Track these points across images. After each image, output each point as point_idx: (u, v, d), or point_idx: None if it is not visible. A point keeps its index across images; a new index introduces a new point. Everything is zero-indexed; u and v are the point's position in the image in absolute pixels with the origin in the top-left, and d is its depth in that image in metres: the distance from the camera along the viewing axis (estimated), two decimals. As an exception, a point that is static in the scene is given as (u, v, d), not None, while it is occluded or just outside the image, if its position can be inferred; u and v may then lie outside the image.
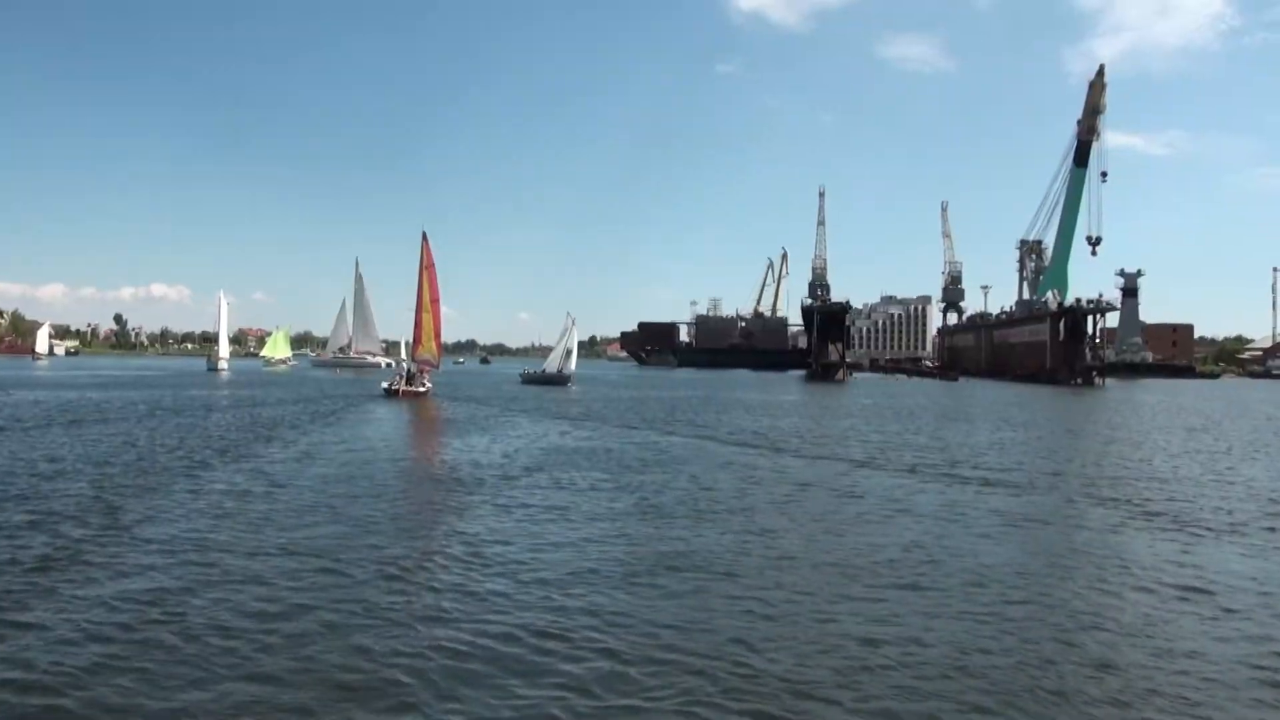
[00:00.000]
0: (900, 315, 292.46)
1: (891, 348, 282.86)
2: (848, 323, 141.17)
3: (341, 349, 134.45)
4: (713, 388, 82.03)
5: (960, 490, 19.86)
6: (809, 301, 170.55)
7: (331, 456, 23.88)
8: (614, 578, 11.80)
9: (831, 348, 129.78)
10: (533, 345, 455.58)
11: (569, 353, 73.48)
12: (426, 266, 56.68)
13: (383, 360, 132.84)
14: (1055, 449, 30.06)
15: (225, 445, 26.08)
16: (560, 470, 21.47)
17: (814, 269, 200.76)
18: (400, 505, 16.59)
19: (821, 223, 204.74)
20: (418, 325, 57.57)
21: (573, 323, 74.28)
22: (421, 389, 55.31)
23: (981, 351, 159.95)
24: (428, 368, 58.10)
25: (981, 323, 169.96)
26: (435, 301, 56.90)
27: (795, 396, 67.01)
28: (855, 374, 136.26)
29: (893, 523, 15.78)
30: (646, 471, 21.78)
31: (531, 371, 78.40)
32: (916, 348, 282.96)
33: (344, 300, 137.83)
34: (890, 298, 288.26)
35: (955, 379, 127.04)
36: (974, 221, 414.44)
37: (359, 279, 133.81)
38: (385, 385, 55.61)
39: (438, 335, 57.47)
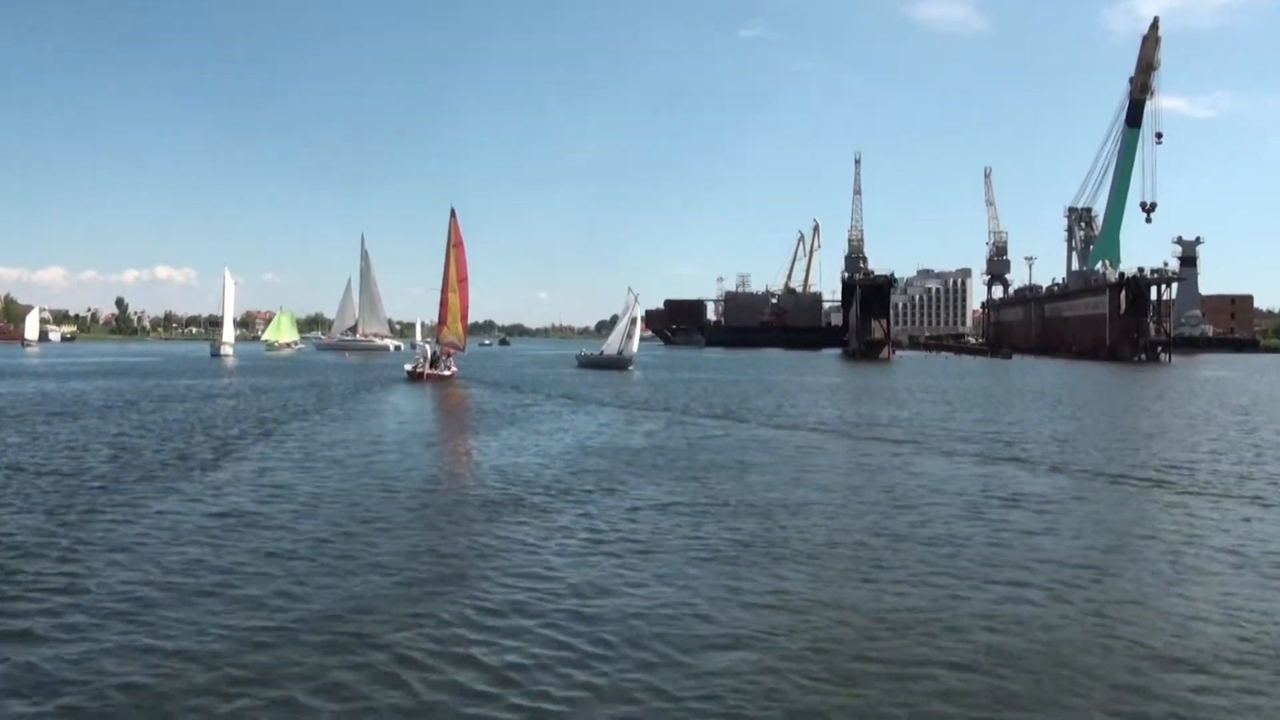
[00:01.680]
0: (939, 289, 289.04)
1: (930, 324, 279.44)
2: (892, 297, 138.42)
3: (348, 331, 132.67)
4: (750, 369, 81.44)
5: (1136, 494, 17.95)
6: (847, 275, 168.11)
7: (341, 461, 21.60)
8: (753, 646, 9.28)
9: (875, 324, 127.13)
10: (553, 326, 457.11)
11: (630, 332, 72.42)
12: (454, 244, 56.21)
13: (391, 343, 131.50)
14: (1153, 436, 28.12)
15: (192, 451, 22.94)
16: (634, 478, 19.12)
17: (850, 241, 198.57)
18: (434, 538, 13.81)
19: (858, 192, 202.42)
20: (443, 305, 57.09)
21: (635, 299, 73.31)
22: (446, 372, 54.67)
23: (1031, 327, 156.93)
24: (452, 349, 57.27)
25: (1031, 296, 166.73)
26: (463, 281, 56.37)
27: (842, 378, 66.30)
28: (898, 353, 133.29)
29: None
30: (745, 477, 19.36)
31: (589, 354, 77.79)
32: (956, 323, 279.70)
33: (349, 279, 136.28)
34: (928, 271, 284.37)
35: (1008, 356, 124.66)
36: (1015, 190, 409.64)
37: (365, 257, 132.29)
38: (408, 368, 55.03)
39: (464, 316, 56.94)
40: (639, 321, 73.51)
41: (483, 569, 11.82)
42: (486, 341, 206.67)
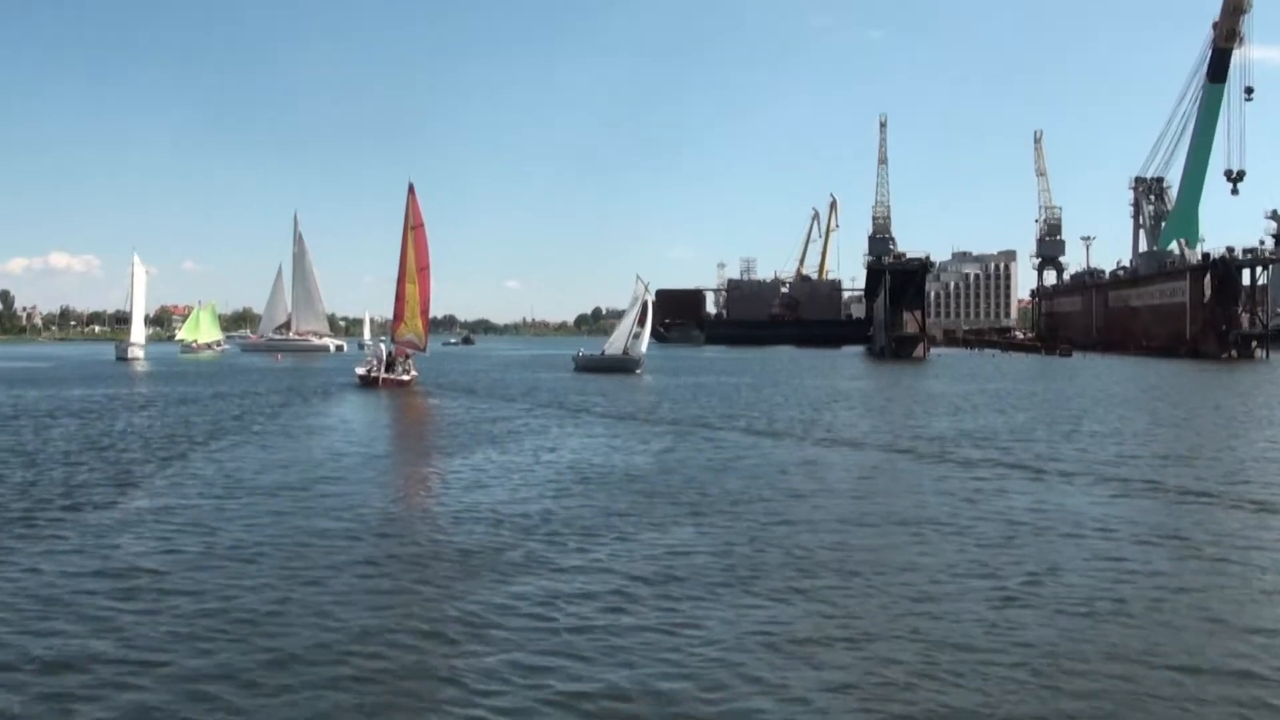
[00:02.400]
0: (978, 276, 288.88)
1: (968, 316, 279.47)
2: (928, 285, 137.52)
3: (280, 329, 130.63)
4: (763, 371, 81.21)
5: None
6: (872, 259, 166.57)
7: (272, 495, 20.27)
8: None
9: (907, 317, 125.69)
10: (524, 321, 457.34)
11: (639, 329, 72.30)
12: (414, 226, 56.17)
13: (331, 342, 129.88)
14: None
15: (79, 484, 21.20)
16: (652, 517, 17.61)
17: (875, 218, 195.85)
18: (391, 615, 12.02)
19: (883, 161, 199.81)
20: (400, 298, 56.95)
21: (646, 288, 73.35)
22: (405, 377, 54.81)
23: (1092, 318, 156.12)
24: (410, 350, 57.00)
25: (1092, 282, 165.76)
26: (424, 270, 56.41)
27: (874, 381, 65.89)
28: (933, 350, 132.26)
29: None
30: (799, 513, 17.91)
31: (589, 355, 77.96)
32: (999, 315, 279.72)
33: (280, 266, 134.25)
34: (965, 254, 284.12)
35: (1066, 354, 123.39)
36: (1070, 157, 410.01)
37: (299, 240, 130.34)
38: (360, 371, 55.51)
39: (425, 310, 56.78)
40: (649, 315, 72.62)
41: (457, 670, 10.02)
42: (452, 340, 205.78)
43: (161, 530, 16.46)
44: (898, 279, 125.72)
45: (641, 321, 72.28)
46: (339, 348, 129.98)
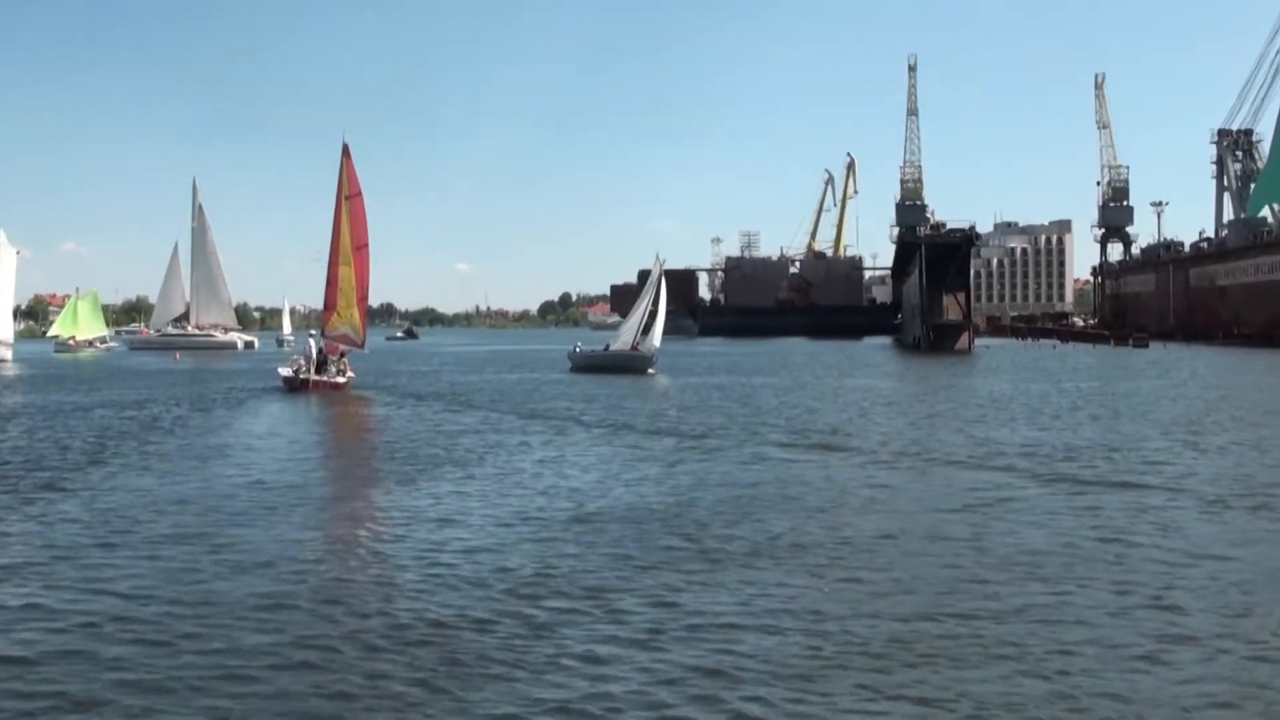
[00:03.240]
0: (1025, 250, 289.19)
1: (1013, 298, 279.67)
2: (981, 260, 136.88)
3: (178, 321, 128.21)
4: (780, 368, 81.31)
5: None
6: (901, 231, 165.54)
7: (171, 540, 18.63)
8: None
9: (948, 300, 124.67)
10: (478, 309, 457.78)
11: (651, 319, 71.97)
12: (349, 196, 56.49)
13: (240, 338, 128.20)
14: None
15: None
16: (694, 573, 15.96)
17: (904, 182, 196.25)
18: None
19: (913, 113, 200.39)
20: (332, 284, 57.04)
21: (662, 265, 73.69)
22: (340, 379, 55.38)
23: (1169, 300, 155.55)
24: (345, 346, 57.24)
25: (1168, 257, 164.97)
26: (362, 249, 56.79)
27: (920, 382, 65.77)
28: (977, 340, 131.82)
29: None
30: (917, 568, 16.35)
31: (587, 351, 77.45)
32: (1051, 297, 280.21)
33: (175, 245, 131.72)
34: (1009, 225, 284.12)
35: (1143, 343, 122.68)
36: (1136, 107, 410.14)
37: (198, 214, 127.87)
38: (286, 372, 55.77)
39: (363, 298, 57.15)
40: (662, 300, 71.74)
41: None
42: (399, 335, 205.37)
43: (16, 585, 14.66)
44: (936, 255, 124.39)
45: (655, 310, 71.81)
46: (250, 344, 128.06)
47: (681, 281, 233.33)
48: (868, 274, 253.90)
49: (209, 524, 19.51)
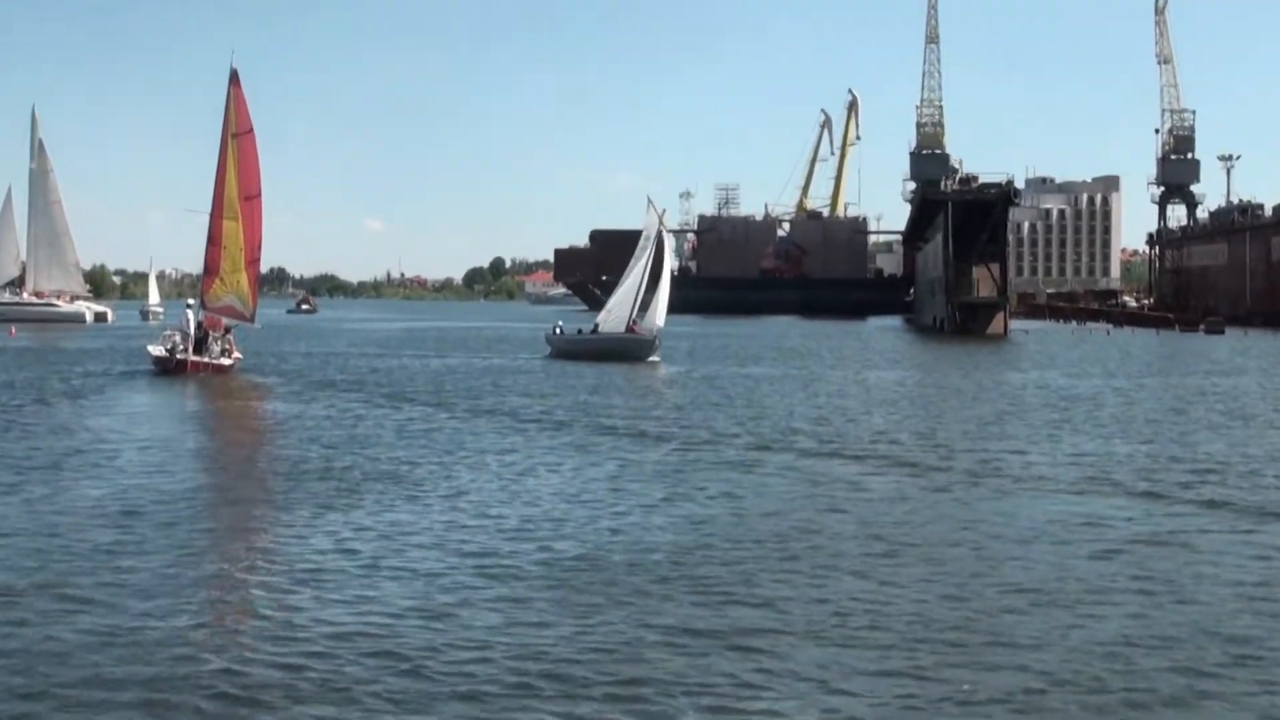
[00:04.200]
0: (1063, 213, 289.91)
1: (1049, 271, 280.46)
2: (1010, 225, 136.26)
3: (11, 286, 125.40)
4: (780, 355, 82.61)
5: None
6: (917, 187, 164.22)
7: None
8: None
9: (979, 273, 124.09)
10: (389, 277, 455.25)
11: (651, 292, 71.46)
12: (238, 133, 56.52)
13: (89, 308, 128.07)
14: None
15: None
16: (734, 660, 14.05)
17: (920, 126, 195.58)
18: None
19: (933, 40, 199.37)
20: (215, 243, 56.90)
21: (661, 216, 74.55)
22: (224, 360, 55.52)
23: (1246, 277, 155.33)
24: (232, 320, 57.37)
25: (1244, 223, 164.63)
26: (253, 199, 56.80)
27: (956, 371, 66.49)
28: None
29: None
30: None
31: (568, 332, 76.46)
32: (1093, 270, 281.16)
33: (8, 191, 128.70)
34: (1044, 182, 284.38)
35: (1217, 329, 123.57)
36: (1202, 40, 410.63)
37: (40, 153, 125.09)
38: (157, 351, 55.89)
39: (253, 261, 57.05)
40: (667, 265, 72.28)
41: None
42: (305, 306, 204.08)
43: None
44: (965, 216, 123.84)
45: (656, 277, 71.03)
46: (101, 316, 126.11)
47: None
48: (873, 239, 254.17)
49: (46, 570, 17.61)
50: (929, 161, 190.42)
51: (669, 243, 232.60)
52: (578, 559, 18.57)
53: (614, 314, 72.71)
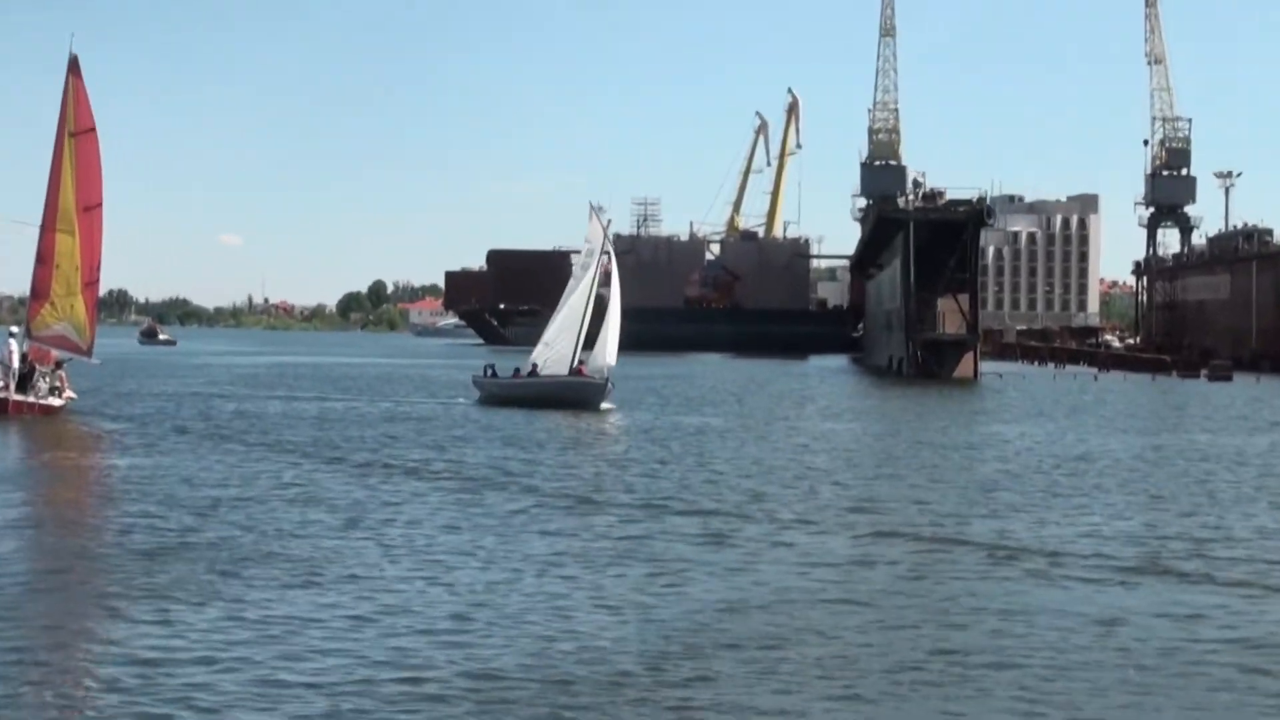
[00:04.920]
0: (1034, 237, 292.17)
1: (1016, 304, 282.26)
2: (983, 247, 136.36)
3: None
4: (719, 401, 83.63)
5: None
6: (868, 203, 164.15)
7: None
8: None
9: (943, 305, 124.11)
10: (251, 302, 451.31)
11: (601, 316, 70.90)
12: (77, 132, 56.42)
13: None
14: None
15: None
16: None
17: (874, 133, 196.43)
18: None
19: (889, 34, 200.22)
20: (45, 261, 56.57)
21: (606, 226, 75.21)
22: (53, 401, 55.44)
23: (1251, 313, 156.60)
24: (63, 353, 57.00)
25: (1252, 251, 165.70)
26: (94, 209, 56.73)
27: (931, 423, 66.79)
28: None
29: None
30: None
31: (505, 379, 74.86)
32: (1068, 304, 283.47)
33: None
34: (1011, 200, 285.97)
35: (1224, 376, 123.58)
36: (1200, 39, 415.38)
37: None
38: None
39: (92, 282, 56.81)
40: (615, 287, 71.72)
41: None
42: (163, 337, 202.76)
43: None
44: (929, 238, 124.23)
45: (603, 305, 71.04)
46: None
47: (545, 268, 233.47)
48: (815, 264, 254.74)
49: None
50: (883, 174, 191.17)
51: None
52: (519, 670, 17.63)
53: (555, 349, 71.79)
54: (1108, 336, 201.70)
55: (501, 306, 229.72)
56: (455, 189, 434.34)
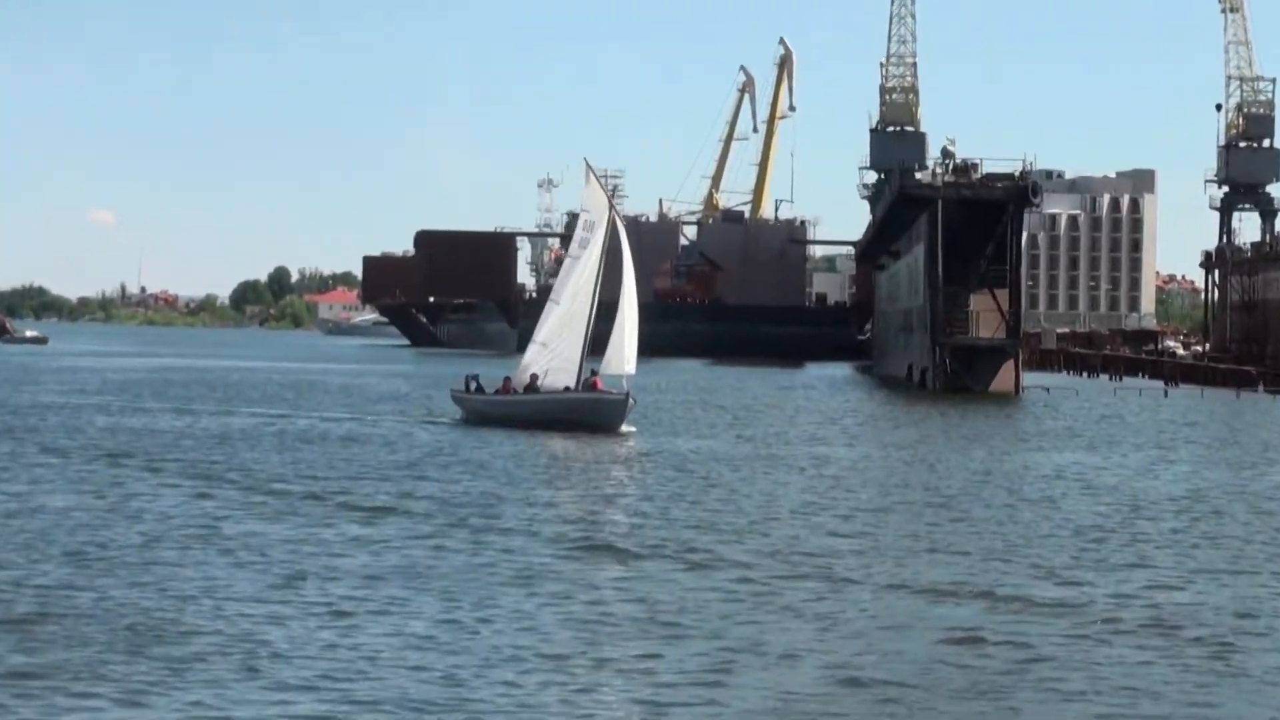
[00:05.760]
0: (1078, 221, 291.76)
1: (1057, 301, 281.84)
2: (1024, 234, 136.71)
3: None
4: (726, 417, 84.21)
5: None
6: (879, 179, 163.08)
7: None
8: None
9: (977, 303, 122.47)
10: (124, 292, 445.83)
11: (609, 318, 70.07)
12: None
13: None
14: None
15: None
16: None
17: (885, 94, 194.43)
18: None
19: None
20: None
21: (611, 200, 74.55)
22: None
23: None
24: None
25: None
26: None
27: (994, 456, 65.45)
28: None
29: None
30: None
31: (491, 396, 73.41)
32: (1117, 303, 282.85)
33: None
34: (1050, 176, 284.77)
35: None
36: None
37: None
38: None
39: None
40: (629, 276, 71.00)
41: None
42: (30, 334, 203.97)
43: None
44: (962, 220, 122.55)
45: (616, 296, 69.73)
46: None
47: (489, 254, 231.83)
48: (813, 251, 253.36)
49: None
50: (897, 142, 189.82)
51: (525, 251, 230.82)
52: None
53: (555, 353, 69.95)
54: (1170, 342, 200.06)
55: (432, 300, 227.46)
56: (375, 159, 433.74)
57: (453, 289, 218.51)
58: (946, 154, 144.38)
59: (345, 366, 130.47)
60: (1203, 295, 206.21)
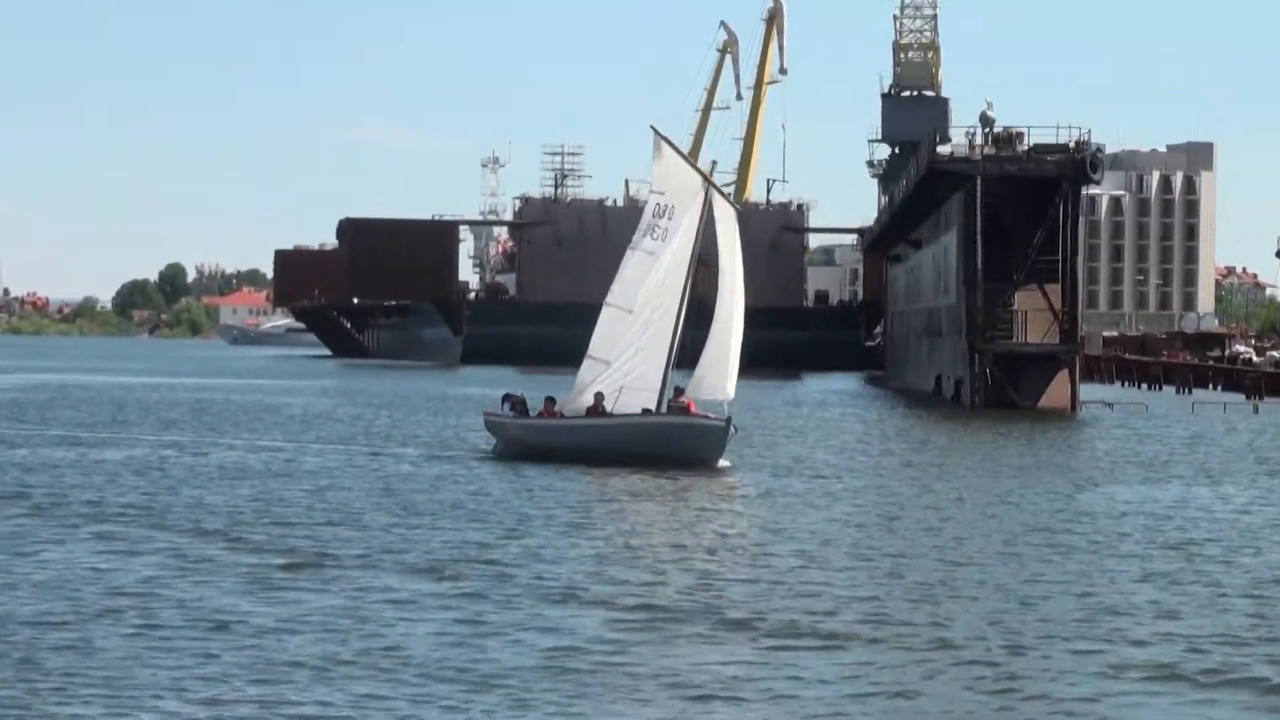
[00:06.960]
0: (1123, 203, 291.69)
1: (1097, 298, 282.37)
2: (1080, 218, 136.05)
3: None
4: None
5: None
6: (894, 153, 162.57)
7: None
8: None
9: (1023, 301, 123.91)
10: (18, 300, 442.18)
11: (704, 325, 67.68)
12: None
13: None
14: None
15: None
16: None
17: (899, 51, 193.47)
18: None
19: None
20: None
21: (708, 174, 71.19)
22: None
23: None
24: None
25: None
26: None
27: (1096, 495, 63.12)
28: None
29: None
30: None
31: (538, 423, 70.99)
32: (1169, 300, 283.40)
33: None
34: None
35: None
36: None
37: None
38: None
39: None
40: (738, 276, 68.60)
41: None
42: None
43: None
44: (1006, 200, 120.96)
45: (719, 297, 67.52)
46: None
47: (425, 246, 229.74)
48: (816, 240, 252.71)
49: None
50: (915, 109, 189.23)
51: (468, 243, 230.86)
52: None
53: (625, 371, 67.49)
54: (1239, 347, 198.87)
55: (358, 301, 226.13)
56: (288, 137, 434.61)
57: (383, 288, 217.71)
58: (986, 120, 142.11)
59: (277, 381, 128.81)
60: (1269, 291, 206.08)
